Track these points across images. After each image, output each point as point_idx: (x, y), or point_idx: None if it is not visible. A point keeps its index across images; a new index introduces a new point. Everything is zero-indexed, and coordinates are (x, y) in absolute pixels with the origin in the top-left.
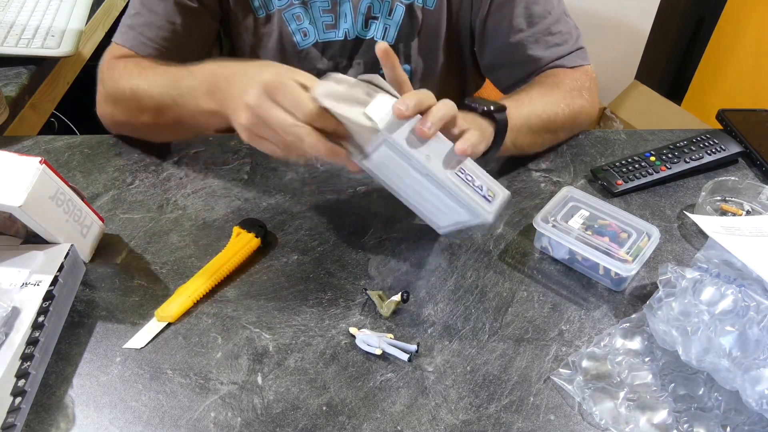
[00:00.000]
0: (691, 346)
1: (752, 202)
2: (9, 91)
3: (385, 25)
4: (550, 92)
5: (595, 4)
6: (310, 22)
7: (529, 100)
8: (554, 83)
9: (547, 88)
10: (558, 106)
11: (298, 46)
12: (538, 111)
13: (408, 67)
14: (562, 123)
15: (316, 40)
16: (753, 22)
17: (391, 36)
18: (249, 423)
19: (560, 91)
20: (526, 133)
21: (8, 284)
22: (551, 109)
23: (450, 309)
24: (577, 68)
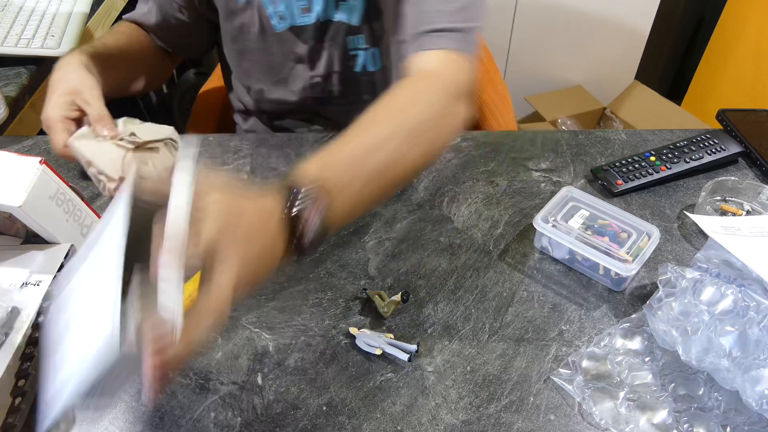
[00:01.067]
0: (691, 346)
1: (752, 202)
2: (9, 91)
3: (351, 6)
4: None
5: (595, 4)
6: (286, 7)
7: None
8: (400, 107)
9: (389, 122)
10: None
11: (275, 29)
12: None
13: (377, 50)
14: (406, 168)
15: (292, 24)
16: (753, 22)
17: (357, 17)
18: (249, 423)
19: (405, 120)
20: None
21: (8, 284)
22: (392, 158)
23: (450, 309)
24: (446, 53)
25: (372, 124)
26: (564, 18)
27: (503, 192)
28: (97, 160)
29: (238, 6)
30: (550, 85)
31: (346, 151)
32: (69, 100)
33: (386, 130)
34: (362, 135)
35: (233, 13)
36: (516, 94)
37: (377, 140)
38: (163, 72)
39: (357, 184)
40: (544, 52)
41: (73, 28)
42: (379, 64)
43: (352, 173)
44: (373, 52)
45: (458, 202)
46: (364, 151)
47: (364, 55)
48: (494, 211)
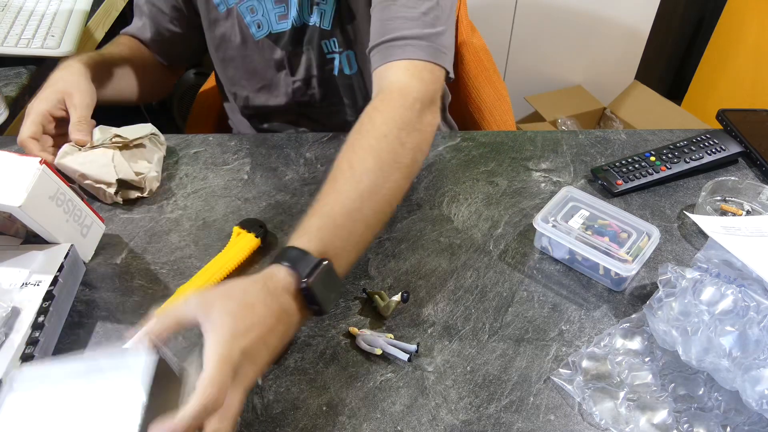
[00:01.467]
0: (691, 346)
1: (752, 202)
2: (9, 91)
3: (321, 10)
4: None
5: (595, 4)
6: (263, 14)
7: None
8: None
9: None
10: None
11: (254, 38)
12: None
13: (352, 52)
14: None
15: (270, 30)
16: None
17: (328, 21)
18: (249, 423)
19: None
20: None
21: (8, 284)
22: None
23: (450, 309)
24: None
25: (346, 175)
26: (564, 18)
27: (503, 192)
28: (89, 171)
29: (219, 15)
30: (550, 85)
31: (332, 217)
32: (59, 98)
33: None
34: (339, 192)
35: (215, 23)
36: (516, 94)
37: (356, 191)
38: (165, 84)
39: (351, 242)
40: (544, 52)
41: (73, 28)
42: (355, 66)
43: (344, 235)
44: (348, 54)
45: (458, 202)
46: (347, 208)
47: (339, 59)
48: (494, 211)
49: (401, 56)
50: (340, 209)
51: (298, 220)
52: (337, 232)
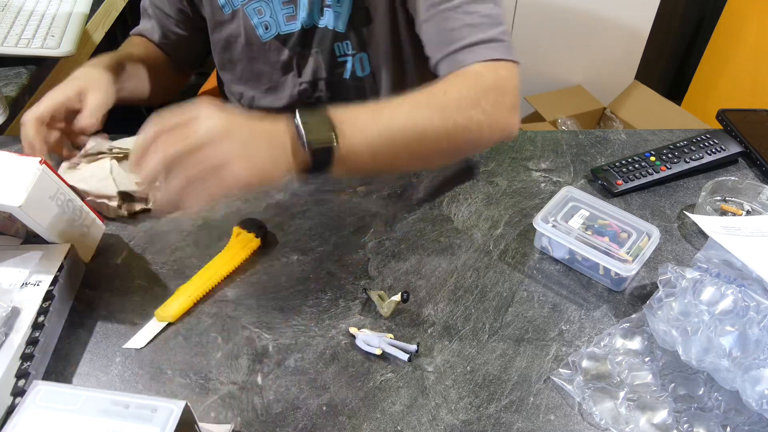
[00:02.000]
0: (691, 346)
1: (752, 202)
2: (9, 91)
3: (336, 12)
4: (427, 102)
5: (595, 4)
6: (271, 15)
7: (390, 114)
8: (442, 89)
9: (426, 97)
10: (431, 120)
11: (261, 39)
12: (400, 126)
13: (365, 54)
14: (437, 141)
15: (278, 32)
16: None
17: (343, 24)
18: (249, 423)
19: (443, 100)
20: (374, 159)
21: (8, 284)
22: (420, 125)
23: (450, 309)
24: (487, 63)
25: (407, 97)
26: (564, 18)
27: (503, 192)
28: (89, 186)
29: (225, 17)
30: (550, 85)
31: (369, 106)
32: (78, 92)
33: (419, 100)
34: (393, 101)
35: (220, 25)
36: None
37: (406, 106)
38: (174, 85)
39: (373, 129)
40: (544, 52)
41: (73, 28)
42: (368, 69)
43: (370, 119)
44: (361, 57)
45: (458, 202)
46: (388, 109)
47: (352, 61)
48: (494, 211)
49: (474, 59)
50: (366, 109)
51: (298, 220)
52: (354, 111)
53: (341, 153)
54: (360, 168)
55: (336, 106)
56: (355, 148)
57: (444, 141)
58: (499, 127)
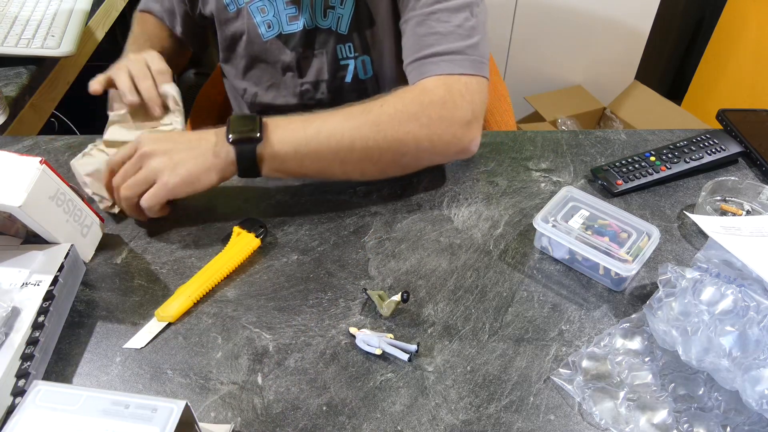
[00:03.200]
0: (691, 346)
1: (752, 202)
2: (9, 91)
3: (338, 14)
4: (359, 114)
5: (595, 4)
6: (274, 15)
7: (320, 122)
8: (380, 103)
9: (360, 109)
10: (360, 131)
11: (263, 38)
12: (327, 133)
13: (367, 57)
14: (368, 152)
15: (280, 31)
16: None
17: (345, 26)
18: (249, 423)
19: (378, 112)
20: (301, 162)
21: (8, 284)
22: (348, 135)
23: (450, 309)
24: (441, 77)
25: (343, 108)
26: (564, 18)
27: (503, 192)
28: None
29: (230, 15)
30: (550, 85)
31: (304, 115)
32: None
33: (353, 112)
34: (329, 112)
35: (225, 23)
36: (516, 94)
37: (339, 117)
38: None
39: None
40: (544, 52)
41: (73, 28)
42: (371, 71)
43: (299, 125)
44: (363, 60)
45: (458, 202)
46: (320, 119)
47: (354, 64)
48: (494, 211)
49: (435, 72)
50: (299, 117)
51: (298, 220)
52: (285, 119)
53: (266, 152)
54: (288, 171)
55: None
56: (280, 150)
57: (375, 152)
58: (443, 142)
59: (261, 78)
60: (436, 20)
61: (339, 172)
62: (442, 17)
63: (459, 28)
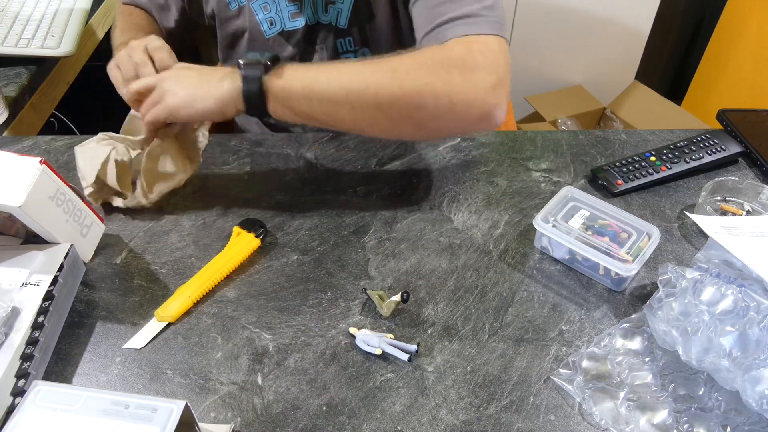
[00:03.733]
0: (691, 346)
1: (752, 202)
2: (9, 91)
3: (338, 9)
4: (378, 62)
5: (595, 4)
6: (277, 12)
7: (334, 65)
8: (399, 56)
9: (379, 60)
10: (375, 76)
11: (265, 35)
12: (341, 76)
13: (367, 50)
14: (381, 99)
15: (282, 28)
16: (753, 22)
17: (344, 20)
18: (249, 423)
19: (396, 62)
20: (310, 101)
21: (8, 284)
22: (364, 80)
23: (450, 309)
24: (461, 39)
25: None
26: (564, 18)
27: (503, 192)
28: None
29: (231, 13)
30: (550, 85)
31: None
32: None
33: (371, 61)
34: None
35: (227, 21)
36: (516, 94)
37: (357, 65)
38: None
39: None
40: (544, 52)
41: (73, 28)
42: None
43: (314, 66)
44: (364, 52)
45: (458, 202)
46: (337, 64)
47: (354, 58)
48: (494, 211)
49: (451, 35)
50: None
51: (298, 220)
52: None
53: (274, 84)
54: (295, 110)
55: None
56: (288, 84)
57: (389, 100)
58: (465, 102)
59: None
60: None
61: (348, 119)
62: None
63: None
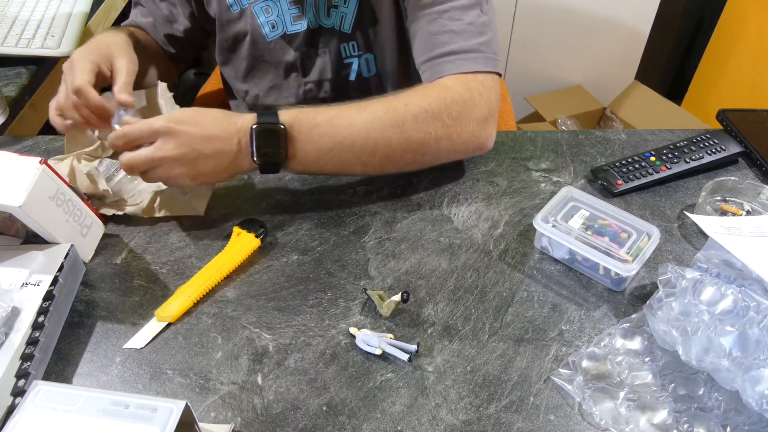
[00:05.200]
0: (691, 346)
1: (752, 202)
2: (9, 91)
3: (342, 13)
4: (385, 113)
5: (595, 4)
6: (278, 15)
7: (346, 125)
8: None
9: (386, 108)
10: (385, 133)
11: (267, 38)
12: (353, 139)
13: (371, 55)
14: (390, 153)
15: (284, 31)
16: (753, 22)
17: (348, 24)
18: (249, 423)
19: (403, 113)
20: (325, 165)
21: (8, 284)
22: (373, 138)
23: (450, 309)
24: (460, 76)
25: (369, 104)
26: (564, 18)
27: (503, 192)
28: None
29: (232, 16)
30: (550, 85)
31: (330, 112)
32: (107, 54)
33: (379, 112)
34: (337, 110)
35: (228, 23)
36: (516, 94)
37: (364, 115)
38: (172, 73)
39: (326, 142)
40: (544, 52)
41: (73, 29)
42: (374, 69)
43: (325, 130)
44: (367, 58)
45: (458, 202)
46: (346, 118)
47: (358, 62)
48: (494, 211)
49: (451, 71)
50: (326, 117)
51: (298, 220)
52: (310, 125)
53: (289, 164)
54: (308, 173)
55: (298, 110)
56: (304, 159)
57: (397, 153)
58: (462, 140)
59: (262, 79)
60: (448, 18)
61: (359, 171)
62: (454, 15)
63: (471, 25)
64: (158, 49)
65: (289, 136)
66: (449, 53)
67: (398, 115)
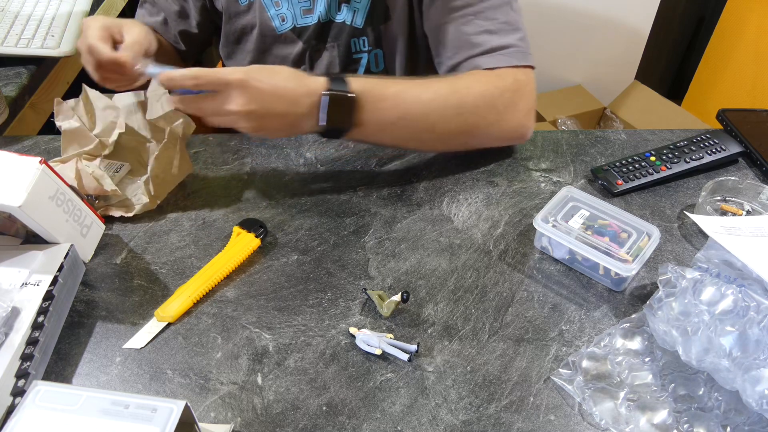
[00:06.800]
0: (691, 346)
1: (752, 202)
2: (9, 91)
3: (354, 8)
4: (447, 95)
5: (595, 4)
6: (288, 8)
7: (412, 101)
8: (466, 84)
9: (449, 90)
10: (444, 113)
11: (277, 31)
12: (414, 116)
13: (380, 51)
14: (445, 133)
15: (294, 24)
16: (753, 22)
17: (360, 19)
18: (249, 423)
19: (464, 95)
20: (384, 138)
21: (8, 284)
22: (433, 118)
23: (450, 309)
24: (502, 70)
25: (433, 83)
26: (564, 18)
27: (503, 192)
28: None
29: (241, 8)
30: (550, 85)
31: (398, 85)
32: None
33: (442, 92)
34: (405, 84)
35: (235, 16)
36: None
37: (429, 94)
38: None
39: (390, 115)
40: (544, 52)
41: (73, 28)
42: (383, 65)
43: (391, 104)
44: (377, 53)
45: (458, 202)
46: (411, 93)
47: (367, 57)
48: (494, 211)
49: (493, 65)
50: (394, 91)
51: (298, 220)
52: (379, 97)
53: (353, 132)
54: (368, 141)
55: (365, 79)
56: (367, 129)
57: (453, 134)
58: (510, 128)
59: None
60: (484, 18)
61: (412, 146)
62: (489, 15)
63: (506, 24)
64: (168, 48)
65: (358, 105)
66: (490, 50)
67: (460, 97)
